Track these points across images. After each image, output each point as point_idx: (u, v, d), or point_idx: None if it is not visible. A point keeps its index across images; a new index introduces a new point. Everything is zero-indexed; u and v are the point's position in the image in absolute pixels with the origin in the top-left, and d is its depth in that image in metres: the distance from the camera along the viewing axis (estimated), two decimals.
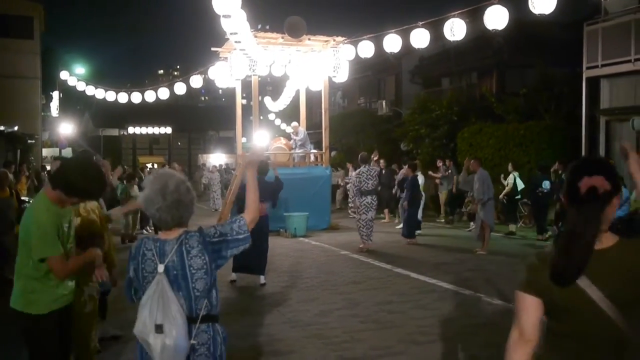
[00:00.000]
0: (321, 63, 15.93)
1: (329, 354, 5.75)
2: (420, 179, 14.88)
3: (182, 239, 2.76)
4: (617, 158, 15.12)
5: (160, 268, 2.72)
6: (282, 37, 15.50)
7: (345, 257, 11.58)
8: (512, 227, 14.61)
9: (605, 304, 2.01)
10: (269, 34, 16.28)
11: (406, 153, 21.53)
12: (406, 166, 14.43)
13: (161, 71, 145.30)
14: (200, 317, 2.75)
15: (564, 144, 16.69)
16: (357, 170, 12.46)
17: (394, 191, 16.65)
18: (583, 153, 15.43)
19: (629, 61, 14.23)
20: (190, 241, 2.76)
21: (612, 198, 2.09)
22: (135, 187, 13.71)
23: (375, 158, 13.93)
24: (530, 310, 2.13)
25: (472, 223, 15.65)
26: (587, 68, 15.50)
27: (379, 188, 13.59)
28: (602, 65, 15.08)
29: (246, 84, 17.05)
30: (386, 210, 17.94)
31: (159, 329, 2.64)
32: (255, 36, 14.70)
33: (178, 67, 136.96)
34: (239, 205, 9.41)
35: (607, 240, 2.09)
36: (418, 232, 13.80)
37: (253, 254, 9.10)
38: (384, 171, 17.42)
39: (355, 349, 5.90)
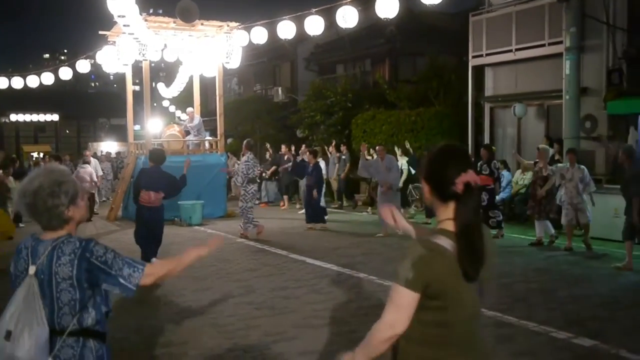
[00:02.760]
0: (215, 49, 15.67)
1: (223, 342, 5.71)
2: (322, 164, 15.03)
3: (58, 243, 2.52)
4: (500, 143, 15.96)
5: (32, 269, 2.50)
6: (174, 22, 15.10)
7: (241, 244, 11.53)
8: (404, 211, 15.06)
9: (475, 284, 2.15)
10: (160, 18, 15.82)
11: (302, 139, 21.65)
12: (307, 152, 14.51)
13: (47, 55, 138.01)
14: (69, 330, 2.49)
15: (453, 129, 17.37)
16: (245, 158, 12.36)
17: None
18: (470, 138, 16.12)
19: (510, 51, 14.96)
20: (64, 247, 2.51)
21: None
22: (11, 177, 12.99)
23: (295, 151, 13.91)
24: (410, 307, 2.11)
25: (369, 208, 16.04)
26: (473, 57, 16.16)
27: (280, 175, 13.62)
28: (487, 55, 15.76)
29: (138, 70, 16.50)
30: (285, 197, 18.02)
31: (7, 335, 2.40)
32: (146, 20, 14.25)
33: (65, 51, 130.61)
34: (135, 193, 9.12)
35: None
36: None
37: (147, 245, 8.91)
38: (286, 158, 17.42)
39: (250, 335, 5.89)
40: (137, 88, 24.29)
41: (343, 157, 17.38)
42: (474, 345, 2.18)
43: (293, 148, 18.79)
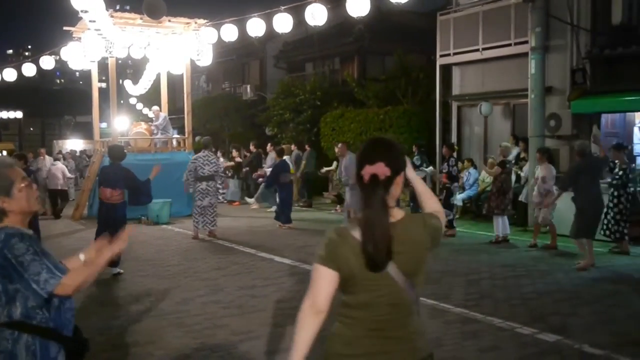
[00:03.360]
0: (182, 46, 15.52)
1: (190, 342, 5.66)
2: (290, 162, 15.02)
3: None
4: (467, 141, 16.11)
5: None
6: (141, 18, 14.91)
7: (209, 243, 11.45)
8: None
9: (397, 274, 2.18)
10: (127, 14, 15.61)
11: (271, 138, 21.58)
12: (272, 150, 14.50)
13: (10, 51, 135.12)
14: (1, 322, 2.46)
15: (421, 127, 17.48)
16: (194, 156, 12.24)
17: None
18: (437, 136, 16.25)
19: (477, 50, 15.11)
20: None
21: (394, 180, 2.25)
22: None
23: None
24: (325, 282, 2.23)
25: (338, 206, 16.08)
26: (441, 56, 16.27)
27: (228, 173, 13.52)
28: (454, 54, 15.88)
29: (104, 66, 16.27)
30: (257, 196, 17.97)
31: None
32: (112, 16, 14.04)
33: (29, 46, 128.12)
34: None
35: (394, 216, 2.24)
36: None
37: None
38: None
39: (217, 335, 5.85)
40: (103, 85, 23.98)
41: (302, 154, 17.37)
42: (395, 332, 2.23)
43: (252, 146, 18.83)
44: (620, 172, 9.68)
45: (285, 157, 14.23)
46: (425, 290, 3.33)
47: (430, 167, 13.78)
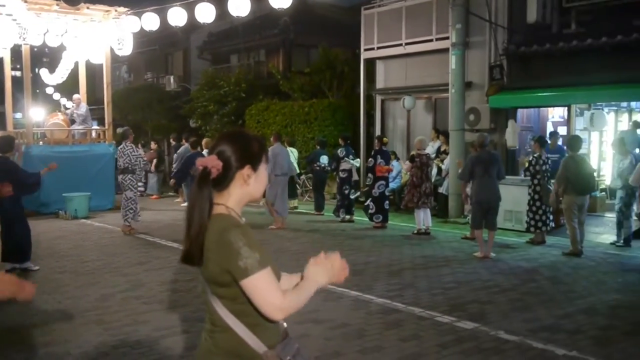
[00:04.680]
0: (102, 34, 15.02)
1: (109, 339, 5.50)
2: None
3: None
4: (391, 134, 16.37)
5: None
6: (57, 4, 14.30)
7: (131, 237, 11.16)
8: (293, 202, 15.23)
9: (202, 276, 2.14)
10: (42, 0, 14.94)
11: (195, 130, 21.27)
12: (187, 143, 14.25)
13: None
14: None
15: (345, 120, 17.66)
16: (120, 147, 11.99)
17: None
18: (362, 129, 16.46)
19: (401, 45, 15.38)
20: None
21: (229, 175, 2.13)
22: None
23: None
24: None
25: (262, 199, 16.02)
26: (365, 50, 16.47)
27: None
28: (378, 48, 16.11)
29: (18, 54, 15.54)
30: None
31: None
32: (25, 1, 13.42)
33: None
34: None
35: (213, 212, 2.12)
36: None
37: (9, 242, 8.27)
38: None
39: (138, 331, 5.71)
40: (17, 74, 22.89)
41: None
42: (208, 337, 2.17)
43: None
44: (533, 162, 10.10)
45: (205, 151, 14.14)
46: (348, 282, 3.36)
47: (357, 160, 13.92)
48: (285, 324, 2.20)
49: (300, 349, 2.16)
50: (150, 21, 13.60)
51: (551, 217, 10.30)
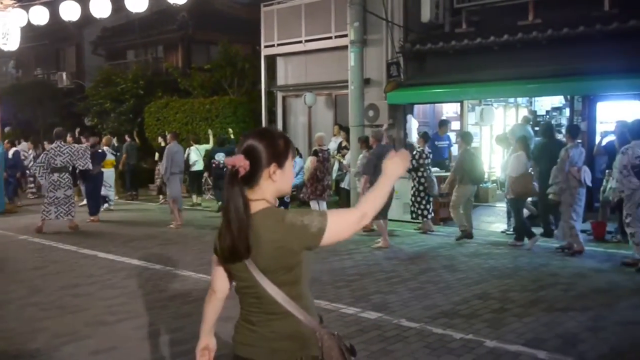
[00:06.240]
0: None
1: (6, 349, 5.26)
2: (107, 153, 14.43)
3: None
4: (292, 130, 16.52)
5: None
6: None
7: (25, 241, 10.67)
8: (194, 199, 15.12)
9: (253, 268, 2.19)
10: None
11: (90, 128, 20.52)
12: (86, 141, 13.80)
13: None
14: None
15: (247, 117, 17.63)
16: (48, 147, 11.63)
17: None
18: (264, 126, 16.48)
19: (300, 42, 15.54)
20: None
21: (257, 173, 2.21)
22: None
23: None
24: (215, 265, 2.40)
25: (161, 196, 15.74)
26: (265, 46, 16.51)
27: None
28: (278, 45, 16.19)
29: None
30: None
31: None
32: None
33: None
34: None
35: (254, 209, 2.22)
36: (107, 207, 14.01)
37: None
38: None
39: (37, 339, 5.50)
40: None
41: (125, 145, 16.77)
42: (259, 327, 2.25)
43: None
44: (417, 156, 10.67)
45: (104, 148, 13.84)
46: None
47: None
48: None
49: None
50: (39, 15, 13.02)
51: (430, 208, 11.02)
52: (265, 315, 2.24)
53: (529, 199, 10.26)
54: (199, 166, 15.14)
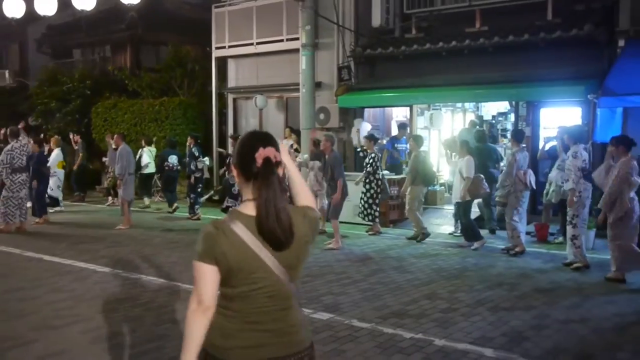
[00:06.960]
0: None
1: None
2: (55, 154, 14.14)
3: None
4: (243, 133, 16.40)
5: None
6: None
7: None
8: (146, 201, 14.93)
9: (276, 266, 2.23)
10: None
11: (34, 128, 20.01)
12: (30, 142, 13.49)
13: None
14: None
15: (197, 119, 17.48)
16: (9, 146, 11.28)
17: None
18: (214, 128, 16.42)
19: (252, 44, 15.52)
20: None
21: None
22: None
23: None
24: (208, 278, 2.20)
25: (109, 197, 15.47)
26: (216, 48, 16.43)
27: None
28: (229, 47, 16.14)
29: None
30: None
31: None
32: None
33: None
34: None
35: None
36: (59, 209, 13.92)
37: None
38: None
39: None
40: None
41: (76, 147, 16.40)
42: (272, 325, 2.26)
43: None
44: (370, 161, 10.78)
45: (56, 150, 13.68)
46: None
47: (207, 158, 13.89)
48: None
49: None
50: None
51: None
52: (280, 312, 2.28)
53: (477, 200, 10.56)
54: (151, 168, 14.98)
